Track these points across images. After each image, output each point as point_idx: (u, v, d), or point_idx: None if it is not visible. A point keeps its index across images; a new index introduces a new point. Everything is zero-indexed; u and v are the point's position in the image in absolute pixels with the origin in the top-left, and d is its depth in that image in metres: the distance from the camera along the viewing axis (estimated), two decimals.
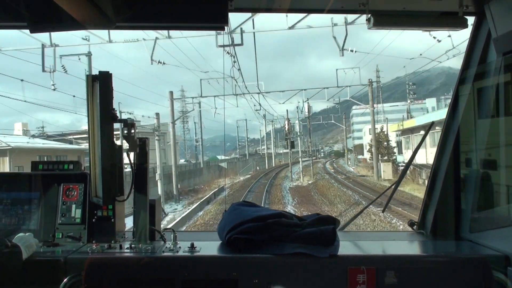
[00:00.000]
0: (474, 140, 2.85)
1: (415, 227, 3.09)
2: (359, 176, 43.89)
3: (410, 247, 2.90)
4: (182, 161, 70.50)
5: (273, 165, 75.07)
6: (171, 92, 35.75)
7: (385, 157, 47.93)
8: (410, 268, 2.43)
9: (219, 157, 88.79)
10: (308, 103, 44.32)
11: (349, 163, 74.67)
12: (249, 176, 51.32)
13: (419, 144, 3.41)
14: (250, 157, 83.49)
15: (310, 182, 39.58)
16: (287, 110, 46.12)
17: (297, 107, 49.42)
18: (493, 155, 2.76)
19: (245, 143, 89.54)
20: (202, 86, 35.88)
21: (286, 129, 45.06)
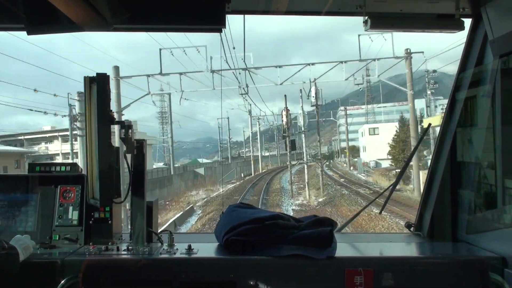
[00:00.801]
0: (470, 142, 2.86)
1: (412, 228, 3.10)
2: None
3: (407, 249, 2.90)
4: (160, 164, 64.49)
5: (260, 170, 63.74)
6: (116, 68, 24.92)
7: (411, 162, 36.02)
8: (407, 270, 2.43)
9: (200, 160, 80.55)
10: (315, 84, 30.65)
11: (351, 168, 62.10)
12: (231, 186, 39.10)
13: (416, 146, 3.42)
14: (233, 160, 73.18)
15: (321, 200, 27.22)
16: (285, 96, 31.12)
17: (300, 90, 32.11)
18: (490, 157, 2.77)
19: (228, 144, 74.75)
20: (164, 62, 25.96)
21: (285, 122, 31.11)
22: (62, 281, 2.35)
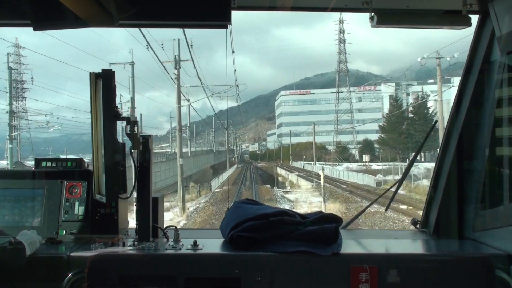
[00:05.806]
0: (477, 139, 2.84)
1: (418, 225, 3.09)
2: None
3: (413, 246, 2.89)
4: (3, 162, 35.35)
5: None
6: None
7: None
8: (413, 267, 2.43)
9: (63, 156, 59.05)
10: None
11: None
12: None
13: (423, 142, 3.41)
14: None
15: None
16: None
17: None
18: (497, 154, 2.75)
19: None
20: None
21: None
22: (69, 275, 2.37)
